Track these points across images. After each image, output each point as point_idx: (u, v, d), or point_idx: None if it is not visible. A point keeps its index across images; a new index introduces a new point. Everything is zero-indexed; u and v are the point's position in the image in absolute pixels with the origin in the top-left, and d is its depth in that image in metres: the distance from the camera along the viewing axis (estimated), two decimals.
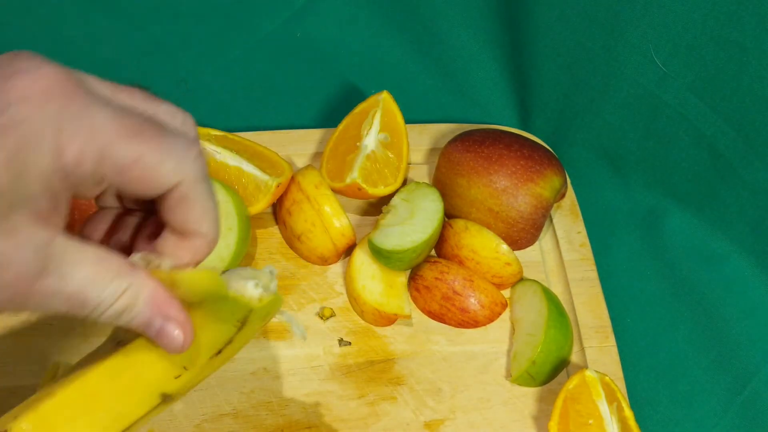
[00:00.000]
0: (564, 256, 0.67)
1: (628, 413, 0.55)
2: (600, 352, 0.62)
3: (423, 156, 0.72)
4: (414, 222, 0.62)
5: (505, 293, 0.65)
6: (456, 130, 0.71)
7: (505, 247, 0.62)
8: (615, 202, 0.73)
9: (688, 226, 0.71)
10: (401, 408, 0.59)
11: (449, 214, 0.66)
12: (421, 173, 0.71)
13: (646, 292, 0.68)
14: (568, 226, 0.69)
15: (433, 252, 0.66)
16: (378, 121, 0.67)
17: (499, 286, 0.64)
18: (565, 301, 0.64)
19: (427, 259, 0.64)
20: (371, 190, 0.64)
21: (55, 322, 0.60)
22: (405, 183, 0.67)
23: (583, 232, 0.68)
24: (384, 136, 0.67)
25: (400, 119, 0.67)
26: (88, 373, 0.37)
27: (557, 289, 0.65)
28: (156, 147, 0.32)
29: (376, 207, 0.67)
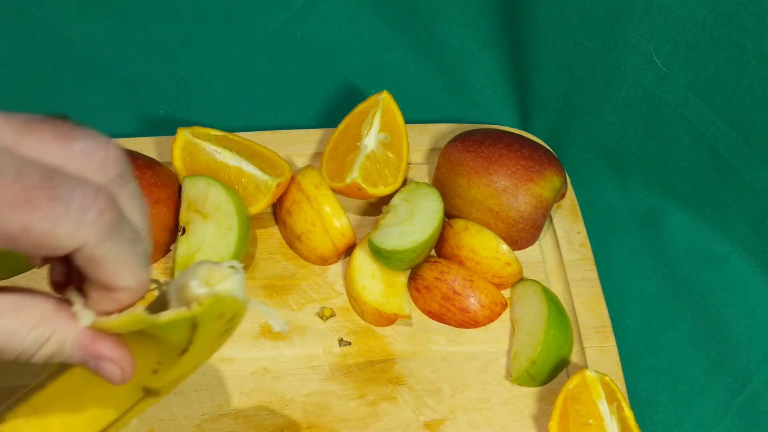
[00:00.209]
0: (564, 256, 0.67)
1: (628, 413, 0.55)
2: (600, 352, 0.62)
3: (423, 156, 0.72)
4: (414, 222, 0.62)
5: (505, 293, 0.65)
6: (456, 130, 0.71)
7: (505, 247, 0.62)
8: (615, 202, 0.73)
9: (688, 226, 0.71)
10: (401, 408, 0.59)
11: (449, 214, 0.66)
12: (421, 173, 0.71)
13: (646, 292, 0.68)
14: (568, 226, 0.69)
15: (433, 252, 0.66)
16: (378, 121, 0.67)
17: (499, 286, 0.64)
18: (565, 301, 0.64)
19: (427, 259, 0.64)
20: (371, 190, 0.64)
21: None
22: (405, 183, 0.67)
23: (583, 232, 0.68)
24: (384, 136, 0.67)
25: (400, 119, 0.67)
26: (74, 370, 0.37)
27: (557, 289, 0.65)
28: (46, 214, 0.29)
29: (376, 207, 0.67)
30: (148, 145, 0.68)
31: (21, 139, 0.30)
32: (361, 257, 0.63)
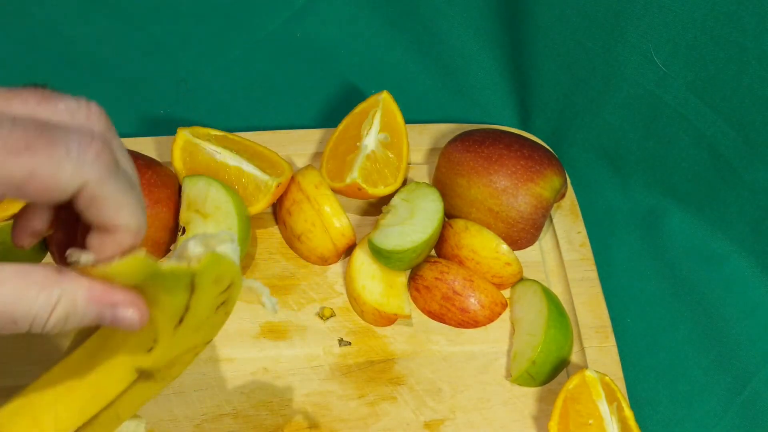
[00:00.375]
0: (564, 256, 0.67)
1: (628, 413, 0.55)
2: (600, 352, 0.62)
3: (423, 156, 0.72)
4: (414, 222, 0.62)
5: (505, 293, 0.65)
6: (456, 130, 0.71)
7: (505, 247, 0.62)
8: (615, 202, 0.73)
9: (688, 226, 0.71)
10: (401, 408, 0.59)
11: (449, 214, 0.66)
12: (421, 173, 0.71)
13: (646, 292, 0.68)
14: (568, 226, 0.69)
15: (433, 252, 0.66)
16: (378, 121, 0.67)
17: (499, 286, 0.64)
18: (565, 301, 0.64)
19: (427, 259, 0.64)
20: (371, 190, 0.64)
21: None
22: (405, 183, 0.67)
23: (583, 232, 0.68)
24: (384, 136, 0.67)
25: (400, 119, 0.67)
26: (71, 355, 0.38)
27: (557, 289, 0.65)
28: (48, 157, 0.31)
29: (376, 207, 0.67)
30: (148, 145, 0.68)
31: (8, 103, 0.32)
32: (361, 257, 0.63)
